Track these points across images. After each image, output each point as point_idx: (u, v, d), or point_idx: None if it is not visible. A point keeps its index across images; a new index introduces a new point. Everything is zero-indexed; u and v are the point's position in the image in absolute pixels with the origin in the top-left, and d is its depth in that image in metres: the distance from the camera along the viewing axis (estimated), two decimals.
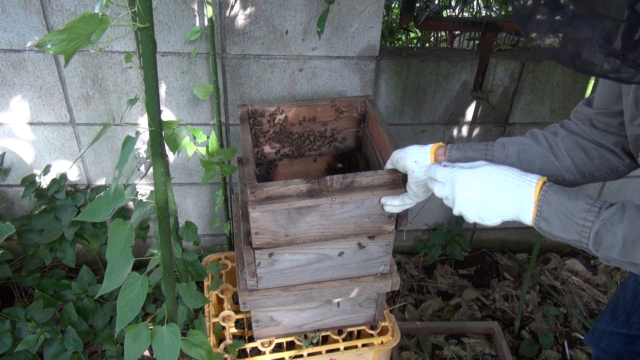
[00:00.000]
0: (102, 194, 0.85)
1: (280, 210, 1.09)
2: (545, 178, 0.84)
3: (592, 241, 0.77)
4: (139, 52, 0.71)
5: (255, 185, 1.06)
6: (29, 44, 1.55)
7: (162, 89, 1.66)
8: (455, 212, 0.91)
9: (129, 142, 0.76)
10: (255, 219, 1.09)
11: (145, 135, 1.65)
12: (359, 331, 1.50)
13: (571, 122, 1.05)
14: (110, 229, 0.85)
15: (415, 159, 1.04)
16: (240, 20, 1.57)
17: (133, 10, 0.71)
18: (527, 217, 0.84)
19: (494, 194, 0.85)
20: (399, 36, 2.96)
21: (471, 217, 0.89)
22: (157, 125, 0.76)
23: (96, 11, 0.70)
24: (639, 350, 1.23)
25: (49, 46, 0.57)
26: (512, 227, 2.23)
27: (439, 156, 1.04)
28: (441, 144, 1.06)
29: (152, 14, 0.68)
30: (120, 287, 0.92)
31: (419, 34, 2.82)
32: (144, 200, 1.02)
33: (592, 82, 1.44)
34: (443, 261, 2.22)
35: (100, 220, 0.86)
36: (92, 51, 1.49)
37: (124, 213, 1.82)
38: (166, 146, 1.25)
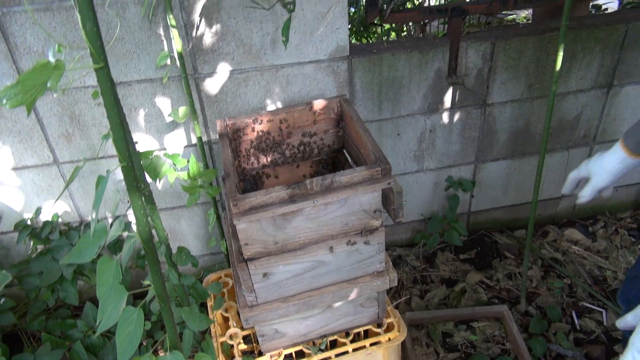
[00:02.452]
0: (87, 232, 0.86)
1: (265, 219, 1.10)
2: None
3: None
4: None
5: (237, 197, 1.07)
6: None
7: (140, 116, 1.67)
8: None
9: (101, 181, 0.77)
10: (243, 230, 1.10)
11: None
12: (365, 331, 1.51)
13: None
14: (98, 268, 0.85)
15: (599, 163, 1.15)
16: (208, 39, 1.58)
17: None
18: None
19: None
20: (374, 29, 2.96)
21: None
22: (127, 159, 0.77)
23: (50, 59, 0.70)
24: None
25: (4, 101, 0.58)
26: (506, 206, 2.24)
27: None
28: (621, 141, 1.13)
29: (106, 54, 0.68)
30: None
31: (393, 24, 2.83)
32: (133, 232, 1.03)
33: (561, 53, 1.45)
34: (443, 249, 2.23)
35: (87, 261, 0.87)
36: (55, 95, 1.49)
37: (119, 245, 1.83)
38: (147, 176, 1.26)
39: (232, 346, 1.48)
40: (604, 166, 1.18)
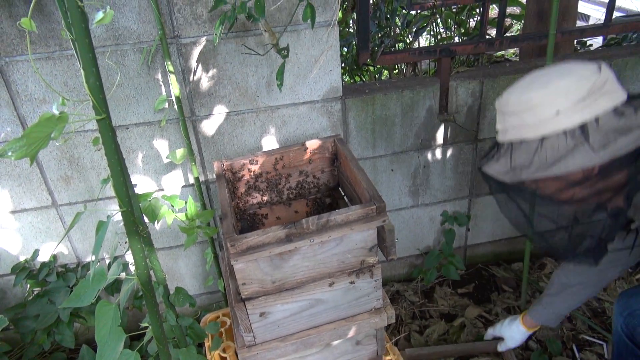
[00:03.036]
0: (87, 275, 0.87)
1: (262, 259, 1.12)
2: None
3: None
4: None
5: (234, 237, 1.09)
6: (2, 135, 1.59)
7: (139, 158, 1.70)
8: None
9: (102, 227, 0.79)
10: (240, 270, 1.12)
11: None
12: None
13: None
14: (97, 311, 0.86)
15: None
16: (205, 83, 1.63)
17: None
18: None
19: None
20: (367, 68, 3.05)
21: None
22: (127, 205, 0.79)
23: (54, 111, 0.73)
24: None
25: (9, 154, 0.60)
26: (502, 239, 2.26)
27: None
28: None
29: (107, 106, 0.71)
30: None
31: (381, 69, 2.91)
32: (131, 274, 1.04)
33: None
34: (441, 283, 2.23)
35: (86, 304, 0.88)
36: (57, 144, 1.53)
37: (117, 286, 1.83)
38: (145, 218, 1.27)
39: None
40: (512, 335, 1.65)
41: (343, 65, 2.61)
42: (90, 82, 0.67)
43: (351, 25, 2.81)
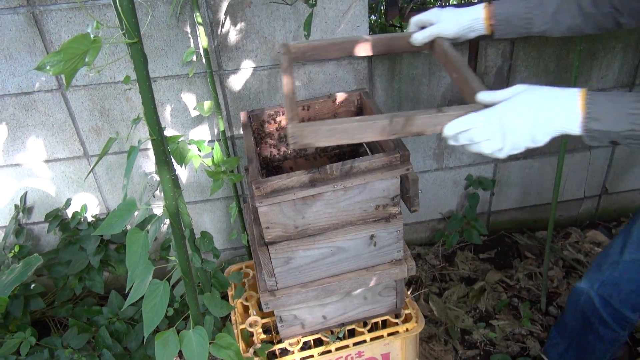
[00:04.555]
0: (118, 205, 0.91)
1: (286, 203, 1.14)
2: (585, 89, 0.89)
3: None
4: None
5: (259, 180, 1.11)
6: (37, 85, 1.63)
7: (167, 111, 1.73)
8: (503, 148, 0.95)
9: (133, 151, 0.81)
10: (264, 213, 1.14)
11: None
12: (383, 321, 1.52)
13: None
14: (128, 238, 0.90)
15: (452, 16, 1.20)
16: (233, 36, 1.64)
17: (124, 32, 0.77)
18: (575, 125, 0.88)
19: (542, 115, 0.89)
20: (394, 28, 3.00)
21: (523, 142, 0.93)
22: (157, 134, 0.81)
23: (89, 32, 0.75)
24: None
25: (47, 67, 0.63)
26: (527, 206, 2.23)
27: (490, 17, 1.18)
28: (487, 3, 1.19)
29: (139, 29, 0.73)
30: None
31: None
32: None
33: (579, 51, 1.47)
34: (462, 248, 2.23)
35: (117, 232, 0.91)
36: (90, 74, 1.56)
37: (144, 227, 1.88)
38: (174, 161, 1.31)
39: (251, 334, 1.51)
40: (457, 16, 1.21)
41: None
42: (123, 5, 0.69)
43: None
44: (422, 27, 1.26)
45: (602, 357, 1.43)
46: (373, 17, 2.67)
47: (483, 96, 0.96)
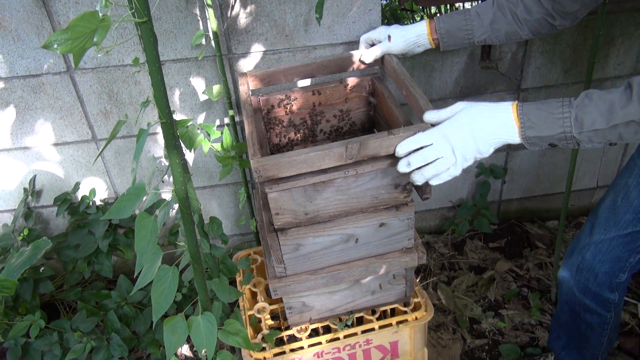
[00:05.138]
0: (127, 190, 0.89)
1: (296, 189, 1.12)
2: (515, 101, 0.98)
3: (574, 126, 0.91)
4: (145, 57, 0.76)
5: None
6: (45, 67, 1.62)
7: (176, 95, 1.71)
8: (456, 162, 1.02)
9: (142, 134, 0.80)
10: (274, 199, 1.12)
11: (163, 141, 1.70)
12: (392, 309, 1.51)
13: None
14: (136, 223, 0.88)
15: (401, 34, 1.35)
16: (242, 19, 1.61)
17: (133, 11, 0.75)
18: (514, 134, 0.97)
19: (482, 128, 0.99)
20: (405, 22, 2.96)
21: (471, 154, 1.01)
22: (167, 117, 0.80)
23: (97, 9, 0.73)
24: (639, 244, 1.24)
25: (55, 46, 0.61)
26: (537, 195, 2.20)
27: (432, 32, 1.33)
28: (429, 20, 1.32)
29: (149, 8, 0.71)
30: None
31: (425, 14, 2.81)
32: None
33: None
34: (472, 236, 2.21)
35: (126, 216, 0.90)
36: (99, 55, 1.54)
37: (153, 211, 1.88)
38: (183, 145, 1.29)
39: (259, 320, 1.50)
40: (403, 33, 1.35)
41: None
42: None
43: None
44: (372, 45, 1.41)
45: (598, 343, 1.43)
46: (384, 1, 2.63)
47: (429, 116, 1.06)
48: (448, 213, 2.21)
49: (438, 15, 1.32)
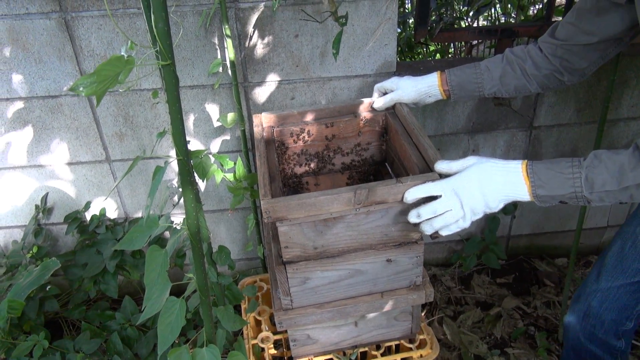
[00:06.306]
0: (140, 221, 0.90)
1: (307, 224, 1.12)
2: (525, 160, 1.00)
3: (585, 187, 0.92)
4: (164, 88, 0.76)
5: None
6: (65, 88, 1.65)
7: (190, 120, 1.73)
8: (465, 215, 1.03)
9: (159, 171, 0.81)
10: (284, 233, 1.13)
11: (176, 166, 1.71)
12: (397, 345, 1.50)
13: (535, 48, 1.29)
14: (147, 256, 0.89)
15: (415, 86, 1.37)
16: (260, 50, 1.63)
17: (156, 49, 0.77)
18: (524, 193, 0.98)
19: (491, 187, 0.99)
20: (419, 50, 2.99)
21: (480, 208, 1.02)
22: (184, 154, 0.81)
23: (122, 54, 0.75)
24: None
25: (81, 89, 0.63)
26: (547, 232, 2.19)
27: (443, 84, 1.36)
28: (440, 72, 1.36)
29: (173, 52, 0.73)
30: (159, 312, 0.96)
31: (439, 45, 2.84)
32: (178, 228, 1.07)
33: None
34: (479, 271, 2.19)
35: (137, 248, 0.91)
36: (121, 90, 1.57)
37: (160, 242, 1.89)
38: (196, 175, 1.30)
39: (263, 349, 1.49)
40: (414, 84, 1.37)
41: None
42: (159, 27, 0.69)
43: (407, 3, 2.76)
44: (384, 93, 1.43)
45: None
46: (398, 29, 2.67)
47: (440, 166, 1.08)
48: (456, 246, 2.20)
49: (448, 69, 1.35)
